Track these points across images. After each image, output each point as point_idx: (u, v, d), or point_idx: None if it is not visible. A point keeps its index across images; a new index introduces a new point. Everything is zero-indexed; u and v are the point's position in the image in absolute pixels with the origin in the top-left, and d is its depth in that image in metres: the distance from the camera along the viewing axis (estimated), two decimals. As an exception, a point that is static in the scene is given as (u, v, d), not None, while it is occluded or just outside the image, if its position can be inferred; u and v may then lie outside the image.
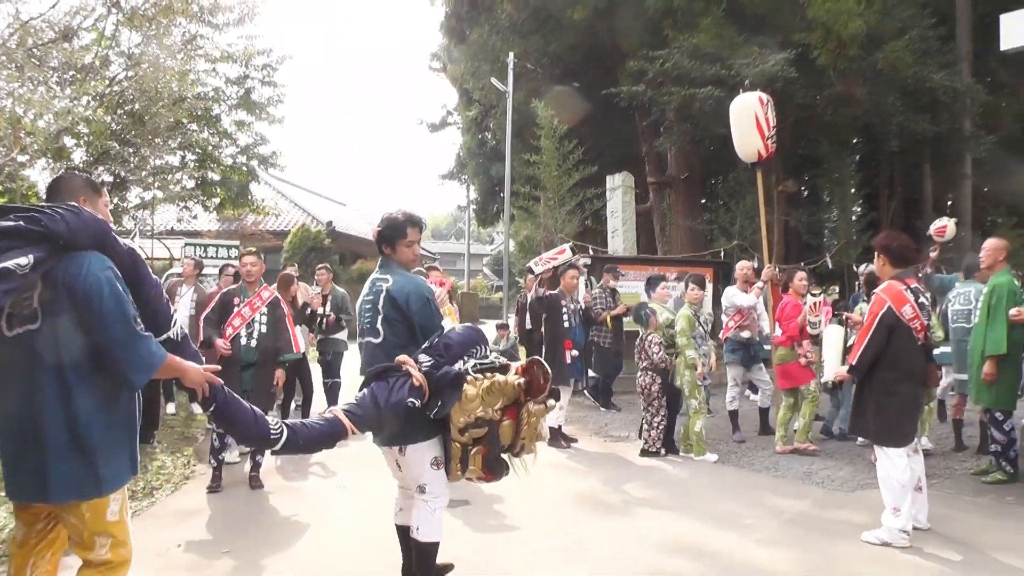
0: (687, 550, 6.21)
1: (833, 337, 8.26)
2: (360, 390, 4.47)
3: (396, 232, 4.79)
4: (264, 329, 7.99)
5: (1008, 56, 11.33)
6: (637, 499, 7.80)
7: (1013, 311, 7.85)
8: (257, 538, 6.48)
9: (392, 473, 5.00)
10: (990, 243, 8.47)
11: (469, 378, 4.36)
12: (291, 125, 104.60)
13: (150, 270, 3.80)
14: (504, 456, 4.65)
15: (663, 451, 9.69)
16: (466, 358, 4.50)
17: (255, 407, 4.08)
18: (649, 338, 9.68)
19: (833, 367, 7.86)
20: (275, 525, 6.86)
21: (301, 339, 9.32)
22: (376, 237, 4.86)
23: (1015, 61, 20.83)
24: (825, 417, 10.80)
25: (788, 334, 9.72)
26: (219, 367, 3.96)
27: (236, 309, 7.94)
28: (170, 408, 11.68)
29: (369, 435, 4.69)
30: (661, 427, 9.70)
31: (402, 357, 4.41)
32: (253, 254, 8.24)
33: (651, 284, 11.01)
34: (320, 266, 12.49)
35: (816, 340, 9.51)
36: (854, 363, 6.58)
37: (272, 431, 4.03)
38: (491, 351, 4.72)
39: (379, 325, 4.63)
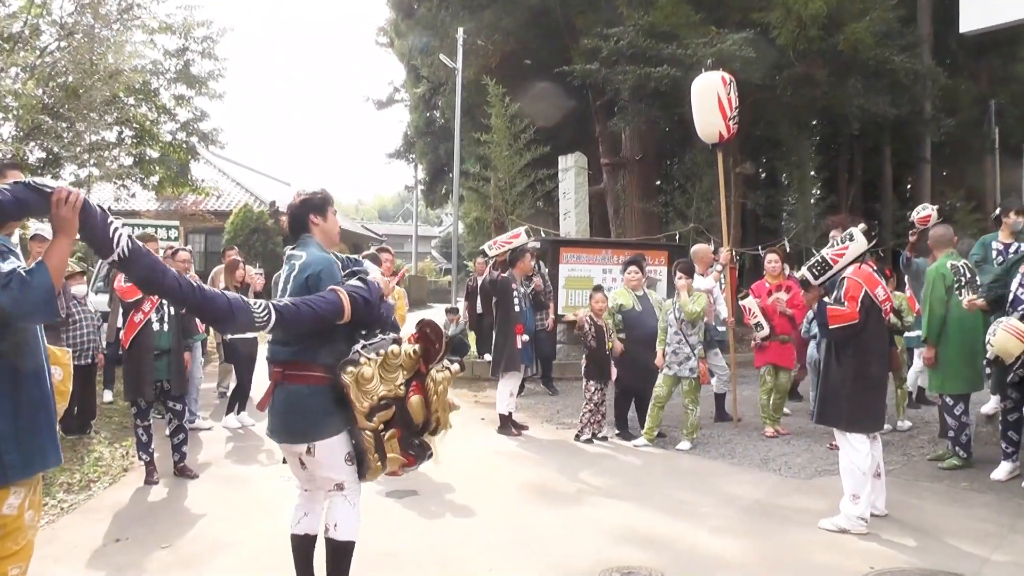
0: (640, 539, 6.27)
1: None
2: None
3: (321, 206, 4.69)
4: (172, 311, 7.99)
5: (967, 38, 11.52)
6: (590, 487, 7.85)
7: (965, 301, 8.04)
8: (198, 531, 6.44)
9: (293, 474, 4.80)
10: (933, 231, 8.92)
11: (362, 359, 4.27)
12: (233, 101, 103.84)
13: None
14: (422, 437, 4.58)
15: (592, 438, 9.86)
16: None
17: (227, 292, 4.09)
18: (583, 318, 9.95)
19: None
20: (218, 518, 6.81)
21: None
22: (299, 210, 4.69)
23: (974, 43, 21.24)
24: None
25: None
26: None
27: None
28: (107, 396, 11.56)
29: None
30: (587, 411, 9.89)
31: None
32: (152, 239, 8.23)
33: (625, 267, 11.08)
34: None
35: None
36: (830, 327, 6.64)
37: (256, 315, 4.03)
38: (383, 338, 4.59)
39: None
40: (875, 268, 6.65)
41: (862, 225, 6.88)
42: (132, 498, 7.38)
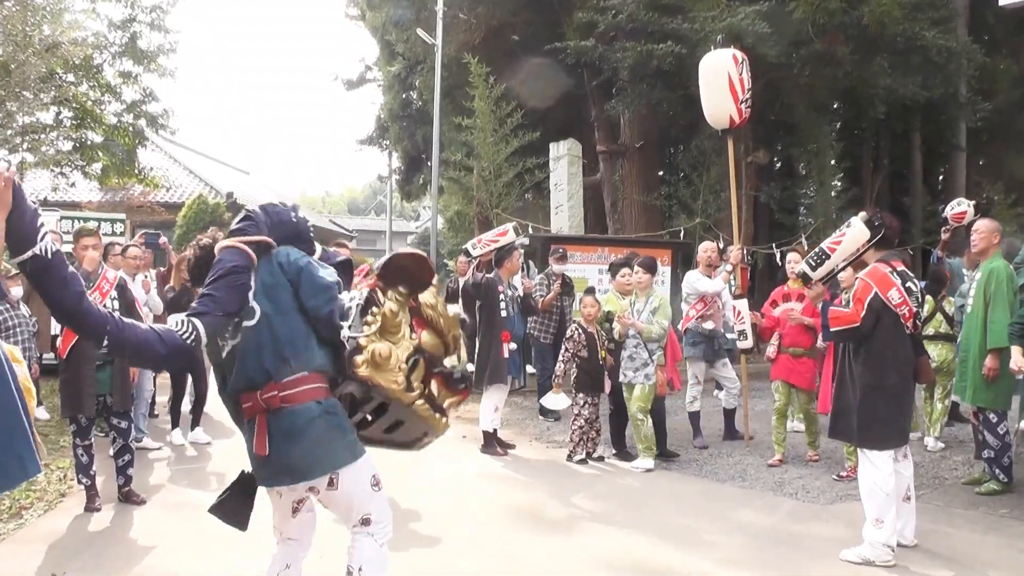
0: (639, 570, 6.27)
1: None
2: None
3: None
4: (118, 314, 7.91)
5: (1007, 12, 11.55)
6: (582, 512, 7.87)
7: None
8: (146, 565, 6.42)
9: (276, 524, 4.49)
10: (982, 224, 8.59)
11: (362, 339, 3.98)
12: (185, 80, 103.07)
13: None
14: (451, 363, 4.40)
15: (586, 458, 9.88)
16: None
17: (153, 326, 3.87)
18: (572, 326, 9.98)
19: None
20: (168, 550, 6.77)
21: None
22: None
23: (1015, 18, 21.29)
24: None
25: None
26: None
27: None
28: (41, 413, 11.45)
29: None
30: (577, 428, 9.91)
31: None
32: (93, 234, 8.14)
33: (612, 270, 11.07)
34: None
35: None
36: (831, 329, 6.71)
37: (183, 335, 3.80)
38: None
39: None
40: (895, 270, 6.63)
41: (862, 213, 6.92)
42: (70, 527, 7.33)
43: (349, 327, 4.03)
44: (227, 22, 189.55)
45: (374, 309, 4.07)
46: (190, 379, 10.94)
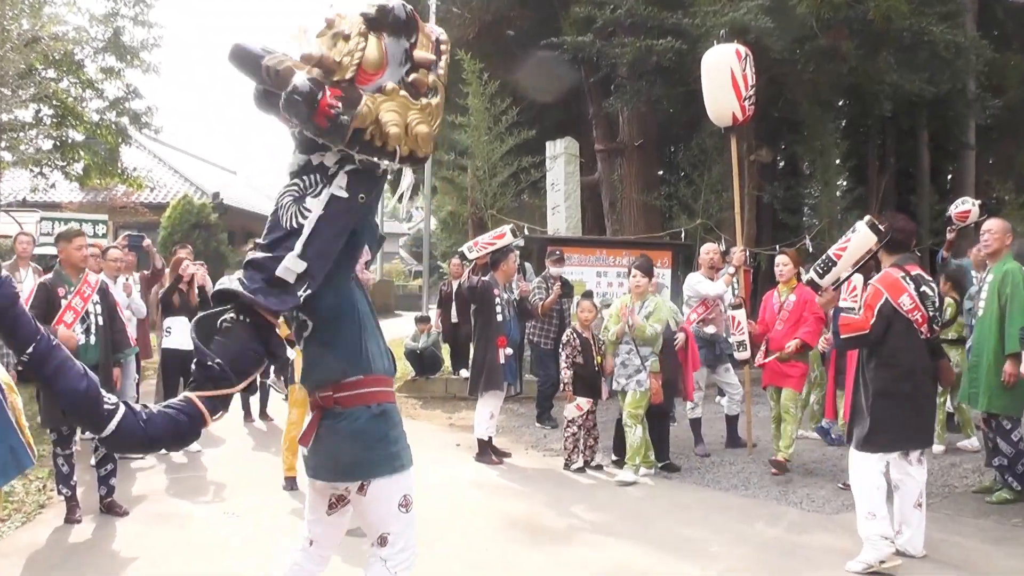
0: (640, 583, 6.29)
1: None
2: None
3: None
4: (101, 321, 7.92)
5: (1017, 7, 11.57)
6: (580, 523, 7.87)
7: None
8: (126, 576, 6.42)
9: (308, 521, 4.36)
10: (994, 224, 8.54)
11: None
12: (170, 76, 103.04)
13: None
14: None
15: (584, 466, 9.91)
16: None
17: (93, 378, 3.37)
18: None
19: None
20: (151, 562, 6.76)
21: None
22: None
23: (1025, 12, 21.30)
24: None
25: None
26: None
27: (65, 302, 7.73)
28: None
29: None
30: (570, 434, 9.94)
31: None
32: (79, 235, 8.11)
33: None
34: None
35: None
36: (841, 336, 6.71)
37: (105, 404, 3.29)
38: None
39: None
40: (909, 274, 6.63)
41: (868, 217, 6.93)
42: (50, 539, 7.31)
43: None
44: (213, 16, 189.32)
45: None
46: (181, 384, 10.91)
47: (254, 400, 12.53)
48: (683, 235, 19.25)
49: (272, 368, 8.79)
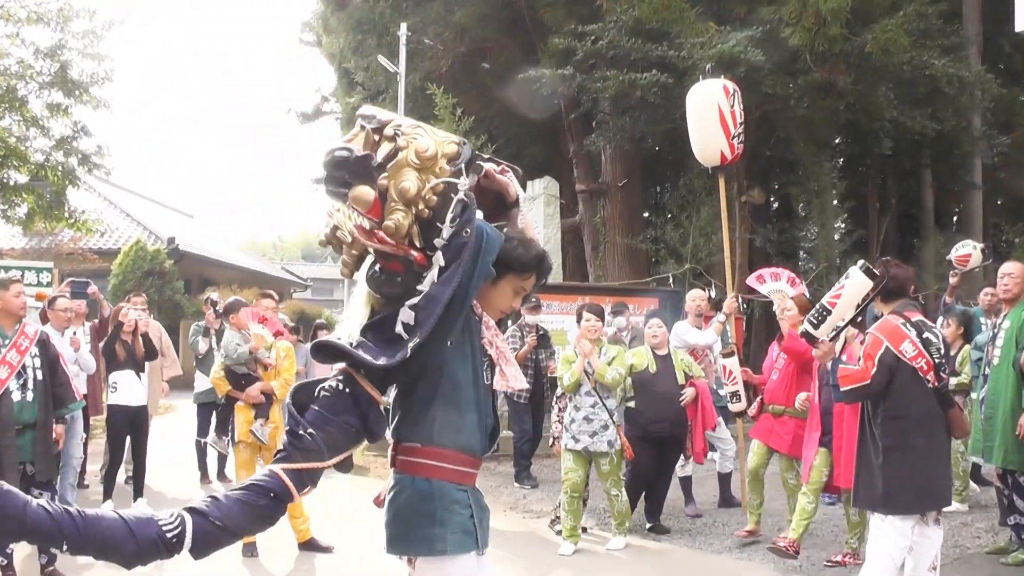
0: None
1: None
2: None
3: None
4: (39, 375, 7.75)
5: (1024, 39, 11.69)
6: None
7: None
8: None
9: None
10: (1015, 268, 8.44)
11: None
12: (122, 113, 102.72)
13: None
14: None
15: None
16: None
17: (120, 512, 3.35)
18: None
19: None
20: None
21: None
22: None
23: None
24: None
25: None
26: None
27: None
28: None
29: None
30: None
31: None
32: (15, 282, 8.04)
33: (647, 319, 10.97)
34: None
35: None
36: (842, 389, 6.71)
37: (166, 528, 3.26)
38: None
39: None
40: (909, 321, 6.64)
41: (861, 262, 6.95)
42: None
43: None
44: (168, 51, 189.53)
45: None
46: (128, 442, 10.83)
47: (211, 460, 12.43)
48: (671, 280, 19.29)
49: (212, 427, 8.73)
